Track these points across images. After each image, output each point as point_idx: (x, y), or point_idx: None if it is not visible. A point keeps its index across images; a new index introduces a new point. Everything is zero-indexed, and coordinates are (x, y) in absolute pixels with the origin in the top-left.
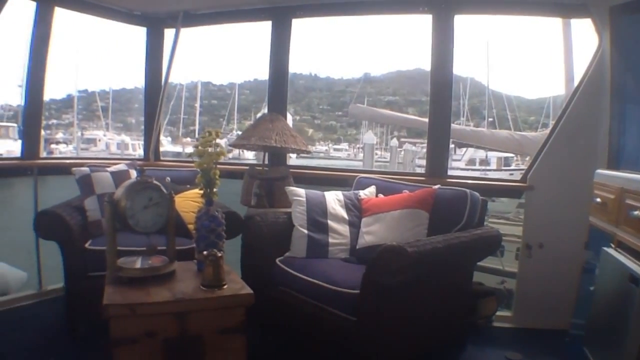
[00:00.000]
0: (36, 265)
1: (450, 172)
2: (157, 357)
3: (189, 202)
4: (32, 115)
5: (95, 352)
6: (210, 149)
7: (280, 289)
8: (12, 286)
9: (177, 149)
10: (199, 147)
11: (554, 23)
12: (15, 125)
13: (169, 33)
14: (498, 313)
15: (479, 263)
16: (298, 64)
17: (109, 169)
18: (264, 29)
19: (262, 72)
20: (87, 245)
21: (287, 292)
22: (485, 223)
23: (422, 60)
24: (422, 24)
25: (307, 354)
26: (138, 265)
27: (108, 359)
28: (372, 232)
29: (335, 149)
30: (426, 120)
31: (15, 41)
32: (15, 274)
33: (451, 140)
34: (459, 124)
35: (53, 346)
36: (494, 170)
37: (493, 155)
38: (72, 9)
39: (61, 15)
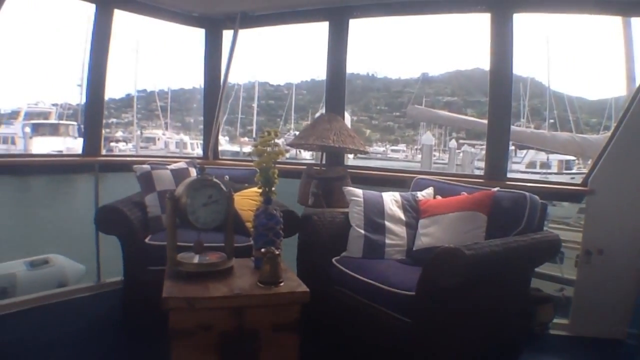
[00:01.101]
0: (95, 259)
1: (509, 175)
2: (213, 351)
3: (247, 200)
4: (93, 114)
5: (151, 344)
6: (269, 149)
7: (335, 288)
8: (70, 278)
9: (235, 148)
10: (258, 147)
11: (615, 21)
12: (75, 123)
13: (227, 34)
14: (555, 320)
15: (537, 269)
16: (355, 63)
17: (169, 166)
18: (321, 28)
19: (319, 72)
20: (146, 240)
21: (343, 292)
22: (544, 228)
23: (481, 59)
24: (480, 22)
25: (360, 355)
26: (196, 260)
27: (164, 351)
28: (429, 234)
29: (392, 150)
30: (485, 121)
31: (74, 42)
32: (74, 267)
33: (511, 142)
34: (519, 126)
35: (109, 337)
36: (555, 173)
37: (554, 158)
38: (131, 11)
39: (121, 17)
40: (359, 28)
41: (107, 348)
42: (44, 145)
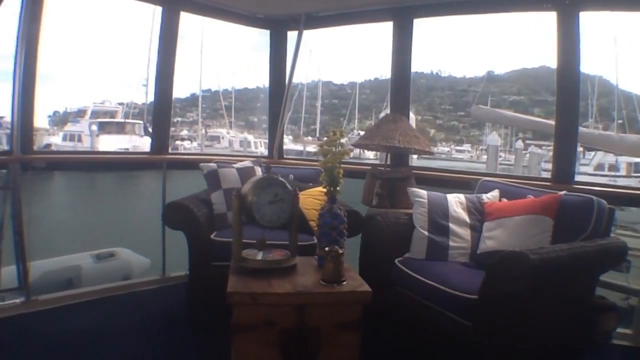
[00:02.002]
0: (161, 253)
1: (577, 178)
2: (275, 346)
3: (311, 199)
4: (161, 113)
5: (213, 337)
6: (334, 149)
7: (397, 289)
8: (136, 271)
9: (298, 147)
10: (324, 147)
11: None
12: (140, 122)
13: (291, 35)
14: (618, 330)
15: (602, 278)
16: (420, 62)
17: (235, 165)
18: (385, 28)
19: (382, 71)
20: (212, 236)
21: (404, 293)
22: (611, 234)
23: (547, 57)
24: (546, 20)
25: (420, 356)
26: (260, 257)
27: (225, 345)
28: (494, 237)
29: (457, 150)
30: (552, 122)
31: (140, 42)
32: (139, 261)
33: (578, 143)
34: (587, 126)
35: (172, 329)
36: (624, 176)
37: (623, 161)
38: (197, 13)
39: (186, 17)
40: (423, 26)
41: (170, 340)
42: (110, 143)
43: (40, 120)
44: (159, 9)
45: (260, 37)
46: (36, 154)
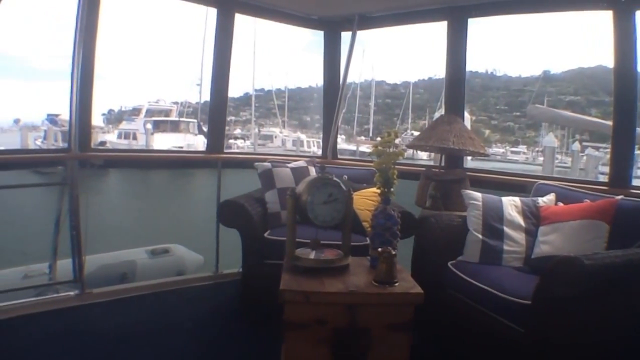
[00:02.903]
0: (215, 251)
1: (635, 182)
2: (325, 345)
3: (365, 200)
4: (217, 112)
5: (264, 334)
6: (388, 149)
7: (449, 292)
8: (189, 268)
9: (351, 147)
10: (378, 147)
11: None
12: (194, 121)
13: (345, 35)
14: None
15: None
16: (474, 61)
17: (289, 165)
18: (439, 27)
19: (436, 70)
20: (265, 234)
21: (456, 296)
22: None
23: (604, 56)
24: (602, 19)
25: None
26: (313, 256)
27: (276, 342)
28: (549, 242)
29: (512, 152)
30: (610, 123)
31: (194, 43)
32: (193, 257)
33: (637, 146)
34: None
35: (225, 325)
36: None
37: None
38: (251, 15)
39: (240, 18)
40: (478, 25)
41: (222, 335)
42: (164, 141)
43: (95, 118)
44: (212, 10)
45: (313, 37)
46: (93, 152)
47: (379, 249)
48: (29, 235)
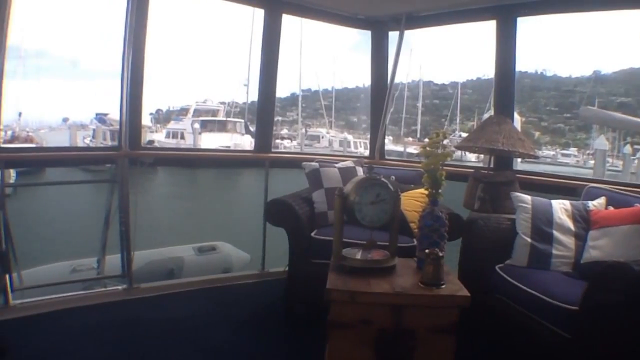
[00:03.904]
0: (261, 249)
1: None
2: (369, 345)
3: (412, 201)
4: (265, 112)
5: (309, 332)
6: (437, 150)
7: (496, 296)
8: (235, 265)
9: (399, 148)
10: (426, 148)
11: None
12: (241, 120)
13: (392, 35)
14: None
15: None
16: (524, 61)
17: (336, 165)
18: (488, 26)
19: (485, 70)
20: (312, 234)
21: (503, 300)
22: None
23: None
24: None
25: None
26: (359, 256)
27: (320, 341)
28: (599, 247)
29: (562, 155)
30: None
31: (241, 43)
32: (239, 255)
33: None
34: None
35: (269, 322)
36: None
37: None
38: (298, 15)
39: (288, 19)
40: (527, 24)
41: (266, 333)
42: (211, 141)
43: (144, 117)
44: (258, 10)
45: (360, 37)
46: (143, 150)
47: (426, 251)
48: (77, 230)
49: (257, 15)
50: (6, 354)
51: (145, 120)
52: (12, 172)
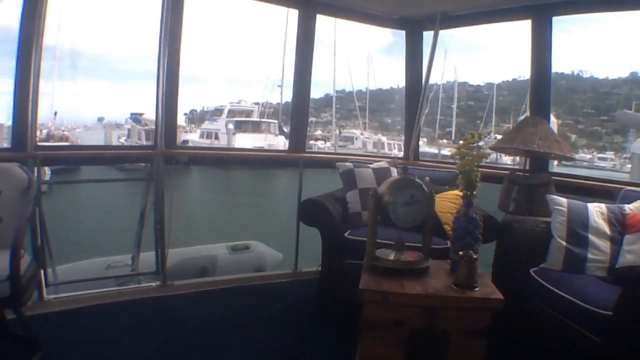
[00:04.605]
0: (294, 248)
1: None
2: (401, 346)
3: (446, 202)
4: (299, 113)
5: (340, 332)
6: (472, 151)
7: (529, 299)
8: (268, 264)
9: (433, 150)
10: (461, 149)
11: None
12: (275, 121)
13: (427, 35)
14: None
15: None
16: (560, 62)
17: (370, 165)
18: (523, 26)
19: (521, 71)
20: (346, 234)
21: (536, 304)
22: None
23: None
24: None
25: None
26: (393, 257)
27: (352, 341)
28: (634, 251)
29: (599, 158)
30: None
31: (275, 44)
32: (272, 254)
33: None
34: None
35: (301, 321)
36: None
37: None
38: (332, 15)
39: (321, 19)
40: (563, 24)
41: (298, 332)
42: (245, 141)
43: (178, 118)
44: (292, 11)
45: (394, 38)
46: (178, 149)
47: (460, 253)
48: (112, 227)
49: (292, 15)
50: (40, 347)
51: (180, 120)
52: (47, 170)
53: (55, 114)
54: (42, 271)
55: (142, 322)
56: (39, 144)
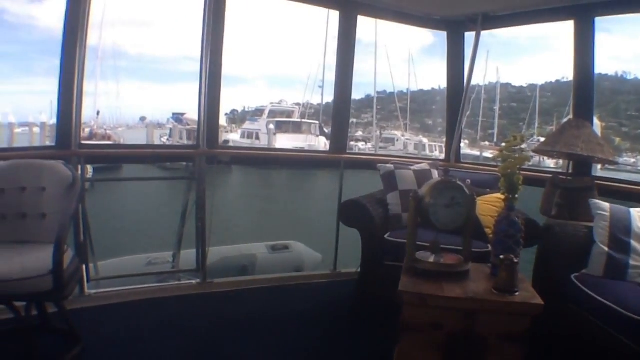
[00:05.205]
0: (334, 249)
1: None
2: (439, 350)
3: (488, 205)
4: (340, 114)
5: (378, 334)
6: (514, 154)
7: (569, 305)
8: (307, 265)
9: (475, 152)
10: (503, 152)
11: None
12: (316, 122)
13: (468, 35)
14: None
15: None
16: (603, 63)
17: (411, 167)
18: (566, 26)
19: (564, 72)
20: (386, 236)
21: (576, 310)
22: None
23: None
24: None
25: None
26: (432, 260)
27: (390, 342)
28: None
29: None
30: None
31: (315, 44)
32: (311, 255)
33: None
34: None
35: (339, 322)
36: None
37: None
38: (373, 16)
39: (363, 20)
40: (604, 24)
41: (336, 332)
42: (286, 142)
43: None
44: (333, 12)
45: (436, 38)
46: (220, 149)
47: (501, 257)
48: (152, 225)
49: (333, 16)
50: (80, 341)
51: (221, 120)
52: (89, 168)
53: (98, 113)
54: (84, 266)
55: (181, 318)
56: (83, 142)
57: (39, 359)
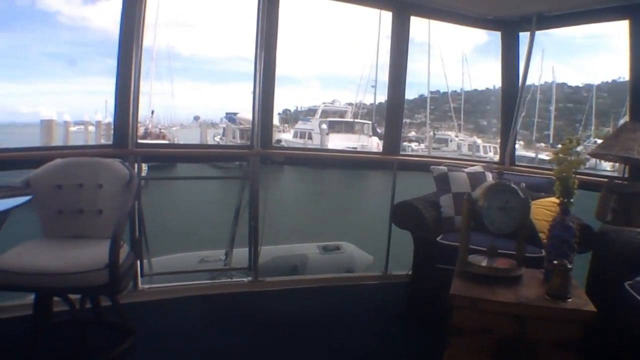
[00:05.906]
0: (385, 251)
1: None
2: (489, 354)
3: (542, 210)
4: (393, 114)
5: (428, 337)
6: (570, 157)
7: (621, 314)
8: (358, 266)
9: (530, 154)
10: (559, 155)
11: None
12: (369, 122)
13: (522, 35)
14: None
15: None
16: None
17: (465, 169)
18: (620, 25)
19: (620, 71)
20: (438, 238)
21: (628, 318)
22: None
23: None
24: None
25: None
26: (485, 263)
27: (439, 346)
28: None
29: None
30: None
31: (369, 45)
32: (363, 256)
33: None
34: None
35: (389, 324)
36: None
37: None
38: (426, 17)
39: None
40: None
41: (386, 334)
42: (338, 142)
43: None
44: (385, 13)
45: (490, 37)
46: (274, 149)
47: (555, 262)
48: (205, 223)
49: (385, 16)
50: (132, 334)
51: (274, 120)
52: (144, 166)
53: (153, 112)
54: (138, 262)
55: (232, 315)
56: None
57: (92, 351)
